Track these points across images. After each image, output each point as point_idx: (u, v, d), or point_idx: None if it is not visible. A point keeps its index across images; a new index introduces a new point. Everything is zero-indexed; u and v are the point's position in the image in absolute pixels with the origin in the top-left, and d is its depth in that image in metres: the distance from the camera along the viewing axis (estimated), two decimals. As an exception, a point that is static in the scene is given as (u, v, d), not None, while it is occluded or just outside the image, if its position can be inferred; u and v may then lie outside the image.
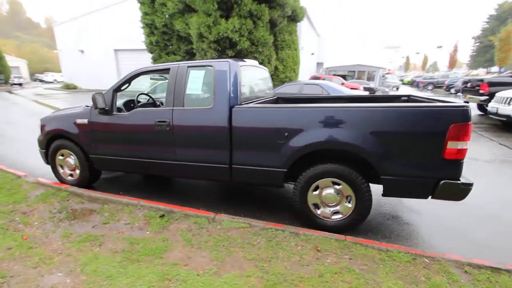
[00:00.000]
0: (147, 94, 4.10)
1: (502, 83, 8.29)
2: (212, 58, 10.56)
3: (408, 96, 3.68)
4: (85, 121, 3.34)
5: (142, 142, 3.13)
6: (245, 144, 2.73)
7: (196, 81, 2.93)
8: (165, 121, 2.94)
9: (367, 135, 2.34)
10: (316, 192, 2.62)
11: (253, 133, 2.69)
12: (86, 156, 3.49)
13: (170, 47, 12.46)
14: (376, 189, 2.60)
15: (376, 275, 2.01)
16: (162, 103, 4.06)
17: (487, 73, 39.65)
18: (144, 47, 14.25)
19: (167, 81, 3.12)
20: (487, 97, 8.35)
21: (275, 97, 4.14)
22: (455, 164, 2.23)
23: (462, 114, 2.15)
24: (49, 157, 3.70)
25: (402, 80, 35.23)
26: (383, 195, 2.47)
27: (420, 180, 2.32)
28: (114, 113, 3.23)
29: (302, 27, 18.77)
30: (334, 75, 22.55)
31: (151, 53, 13.17)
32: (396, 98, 3.80)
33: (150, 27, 12.43)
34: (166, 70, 3.09)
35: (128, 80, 3.27)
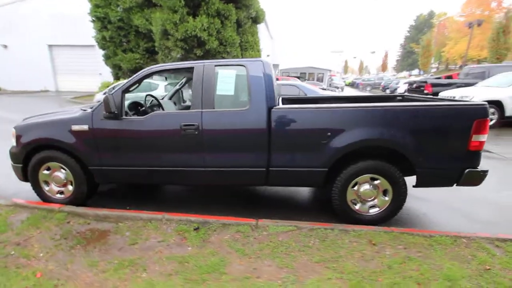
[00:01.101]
0: (153, 96, 3.68)
1: (443, 84, 9.81)
2: (179, 57, 10.02)
3: (402, 96, 4.08)
4: (85, 127, 2.84)
5: (162, 149, 2.80)
6: (285, 146, 2.68)
7: (226, 81, 2.75)
8: (193, 125, 2.69)
9: (406, 132, 2.52)
10: (355, 188, 2.73)
11: (294, 135, 2.65)
12: (84, 168, 2.97)
13: (127, 43, 11.37)
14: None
15: (433, 259, 2.20)
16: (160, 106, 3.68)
17: (410, 75, 46.16)
18: (89, 42, 12.75)
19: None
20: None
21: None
22: (477, 155, 2.57)
23: (483, 111, 2.49)
24: (29, 172, 3.04)
25: (345, 82, 38.74)
26: (415, 186, 2.70)
27: (449, 170, 2.61)
28: (124, 117, 2.82)
29: (259, 29, 19.14)
30: (288, 76, 23.56)
31: (103, 49, 11.82)
32: (392, 98, 4.18)
33: (102, 21, 11.18)
34: (187, 70, 2.83)
35: (139, 80, 2.89)
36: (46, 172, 3.06)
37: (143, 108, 3.37)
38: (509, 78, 7.71)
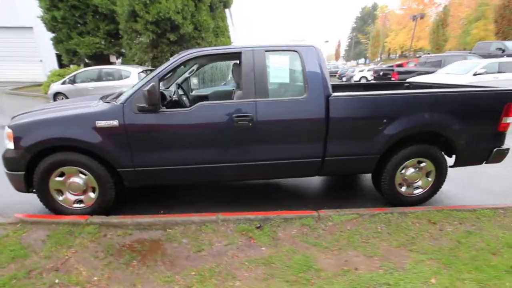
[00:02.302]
0: (180, 86, 3.24)
1: (408, 71, 10.74)
2: (151, 41, 9.10)
3: (410, 82, 4.33)
4: (114, 123, 2.39)
5: (210, 144, 2.52)
6: (342, 135, 2.63)
7: (279, 68, 2.56)
8: (247, 116, 2.46)
9: (451, 116, 2.68)
10: (402, 172, 2.84)
11: (351, 123, 2.61)
12: (112, 171, 2.53)
13: (83, 25, 9.85)
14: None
15: (487, 230, 2.42)
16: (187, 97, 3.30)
17: (358, 64, 49.69)
18: (26, 24, 10.78)
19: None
20: (397, 83, 10.62)
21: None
22: (504, 135, 2.87)
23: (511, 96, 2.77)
24: (36, 181, 2.48)
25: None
26: (453, 166, 2.92)
27: (483, 149, 2.87)
28: (164, 110, 2.44)
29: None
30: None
31: (53, 32, 10.06)
32: (400, 85, 4.41)
33: (51, -1, 9.43)
34: (234, 55, 2.56)
35: (176, 67, 2.52)
36: (59, 179, 2.52)
37: (170, 99, 2.97)
38: (466, 66, 8.79)
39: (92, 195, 2.60)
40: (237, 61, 3.02)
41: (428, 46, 36.16)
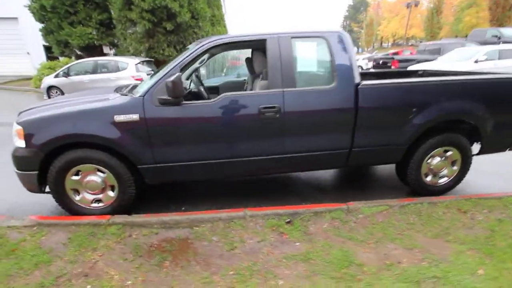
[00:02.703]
0: (197, 77, 3.08)
1: (408, 59, 10.71)
2: (146, 31, 8.75)
3: (424, 70, 4.25)
4: (135, 117, 2.24)
5: (236, 137, 2.40)
6: (370, 125, 2.55)
7: (306, 56, 2.43)
8: (274, 107, 2.34)
9: (479, 104, 2.62)
10: (428, 161, 2.79)
11: (380, 112, 2.53)
12: (132, 168, 2.40)
13: (75, 15, 9.36)
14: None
15: (518, 219, 2.41)
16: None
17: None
18: (10, 14, 10.23)
19: None
20: (398, 71, 10.59)
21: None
22: (527, 121, 2.84)
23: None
24: (51, 180, 2.33)
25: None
26: (478, 154, 2.88)
27: (507, 136, 2.84)
28: (186, 102, 2.30)
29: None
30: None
31: (42, 22, 9.54)
32: (414, 73, 4.33)
33: (39, -14, 8.90)
34: (258, 42, 2.41)
35: (197, 56, 2.36)
36: (75, 177, 2.38)
37: (189, 90, 2.81)
38: (466, 53, 8.79)
39: (111, 193, 2.47)
40: (254, 50, 2.88)
41: (421, 33, 36.26)
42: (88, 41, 9.44)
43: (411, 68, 9.60)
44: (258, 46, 2.53)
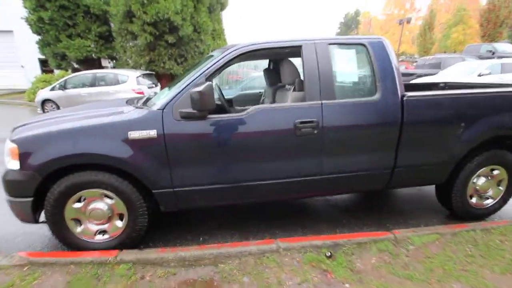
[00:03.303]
0: (219, 88, 2.78)
1: (408, 74, 10.73)
2: (148, 44, 8.53)
3: (446, 83, 4.07)
4: (152, 133, 1.91)
5: (268, 156, 2.08)
6: (416, 141, 2.27)
7: (345, 64, 2.18)
8: (311, 121, 2.05)
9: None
10: (474, 181, 2.51)
11: (426, 127, 2.25)
12: (145, 193, 2.04)
13: (74, 27, 9.11)
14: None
15: None
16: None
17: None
18: (5, 27, 9.98)
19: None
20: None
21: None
22: None
23: None
24: (49, 209, 1.95)
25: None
26: None
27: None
28: (211, 116, 1.98)
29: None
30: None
31: (39, 34, 9.26)
32: (435, 85, 4.14)
33: (38, -1, 8.64)
34: (292, 49, 2.15)
35: (226, 64, 2.07)
36: (77, 205, 2.00)
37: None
38: (468, 68, 8.82)
39: (119, 223, 2.09)
40: (280, 59, 2.62)
41: (410, 49, 37.27)
42: (86, 54, 9.15)
43: (413, 81, 9.59)
44: (289, 53, 2.28)
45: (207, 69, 2.01)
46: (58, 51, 9.07)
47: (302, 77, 2.28)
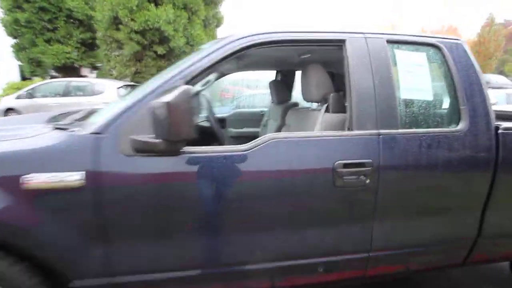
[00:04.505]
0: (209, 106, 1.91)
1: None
2: (134, 54, 7.75)
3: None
4: (74, 177, 0.99)
5: (286, 218, 1.20)
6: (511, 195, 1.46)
7: (412, 75, 1.38)
8: (362, 164, 1.20)
9: None
10: None
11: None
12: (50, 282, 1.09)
13: (53, 31, 8.24)
14: None
15: None
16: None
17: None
18: None
19: None
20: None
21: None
22: None
23: None
24: None
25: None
26: None
27: None
28: (190, 149, 1.10)
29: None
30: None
31: (14, 37, 8.32)
32: None
33: (15, -2, 7.78)
34: (329, 43, 1.34)
35: (220, 61, 1.21)
36: None
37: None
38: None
39: None
40: (302, 64, 1.84)
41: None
42: (64, 61, 8.24)
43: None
44: (322, 53, 1.48)
45: (188, 66, 1.15)
46: (33, 56, 8.14)
47: (333, 89, 1.47)
